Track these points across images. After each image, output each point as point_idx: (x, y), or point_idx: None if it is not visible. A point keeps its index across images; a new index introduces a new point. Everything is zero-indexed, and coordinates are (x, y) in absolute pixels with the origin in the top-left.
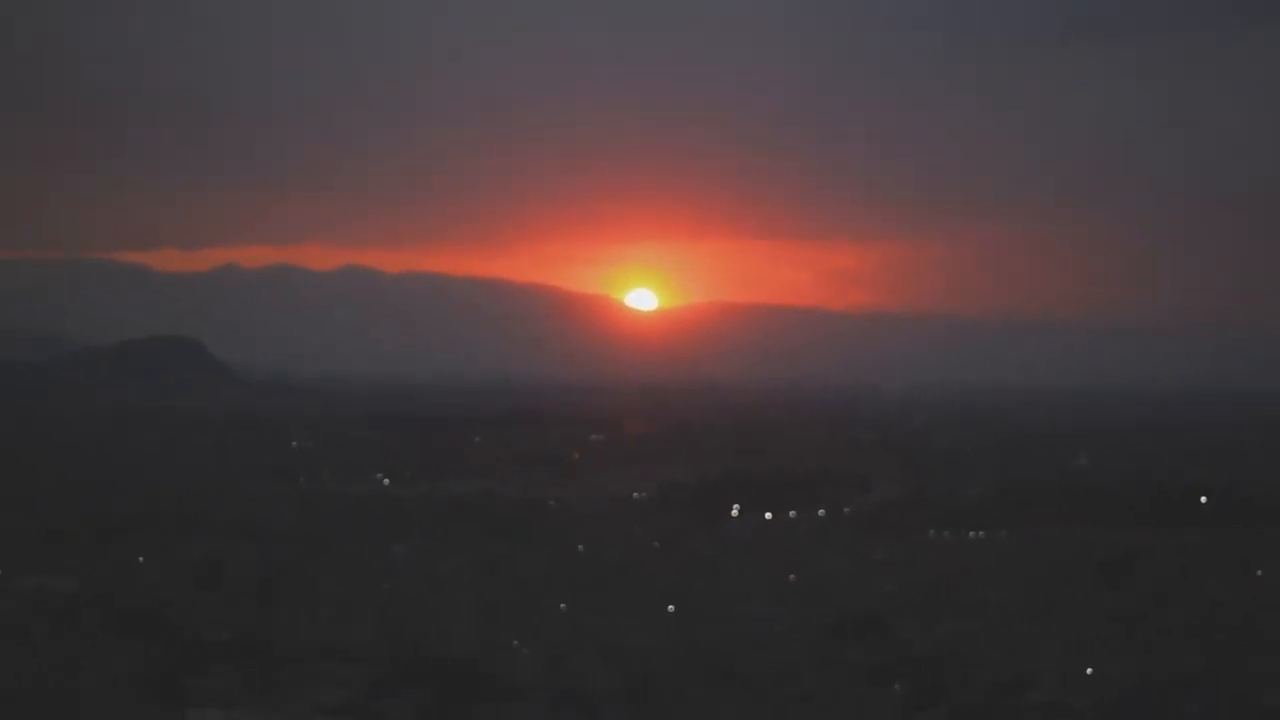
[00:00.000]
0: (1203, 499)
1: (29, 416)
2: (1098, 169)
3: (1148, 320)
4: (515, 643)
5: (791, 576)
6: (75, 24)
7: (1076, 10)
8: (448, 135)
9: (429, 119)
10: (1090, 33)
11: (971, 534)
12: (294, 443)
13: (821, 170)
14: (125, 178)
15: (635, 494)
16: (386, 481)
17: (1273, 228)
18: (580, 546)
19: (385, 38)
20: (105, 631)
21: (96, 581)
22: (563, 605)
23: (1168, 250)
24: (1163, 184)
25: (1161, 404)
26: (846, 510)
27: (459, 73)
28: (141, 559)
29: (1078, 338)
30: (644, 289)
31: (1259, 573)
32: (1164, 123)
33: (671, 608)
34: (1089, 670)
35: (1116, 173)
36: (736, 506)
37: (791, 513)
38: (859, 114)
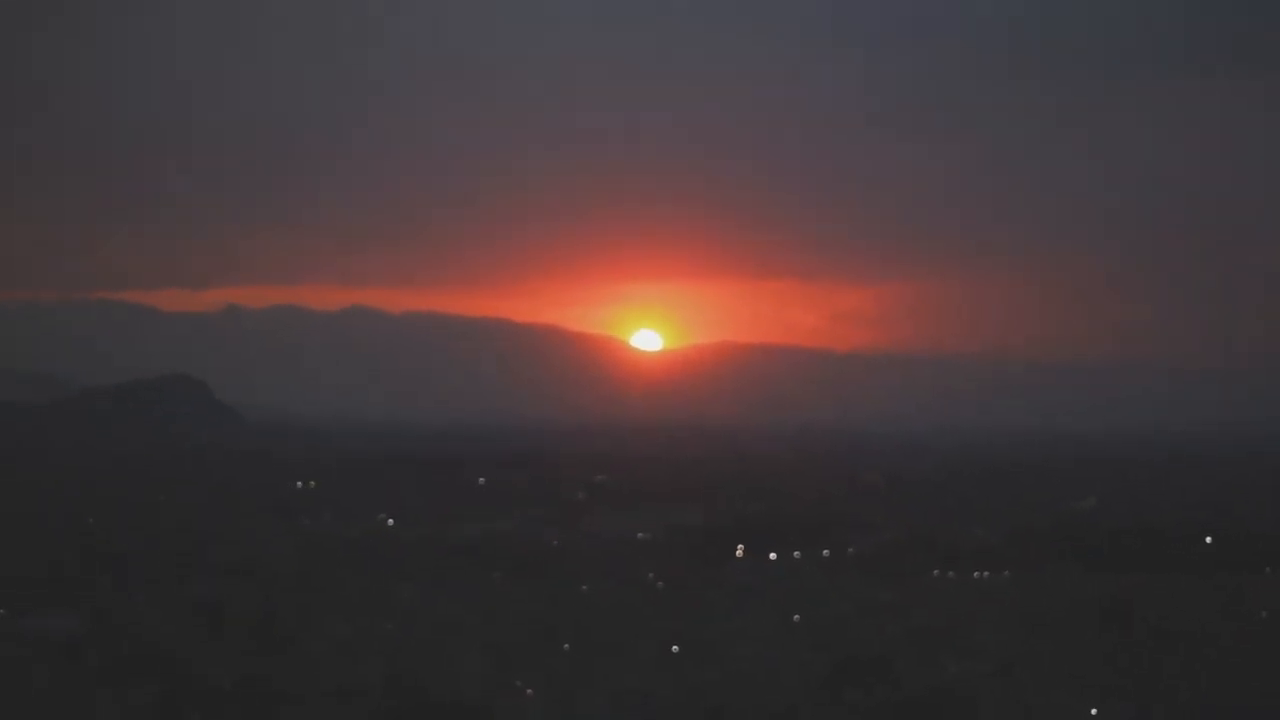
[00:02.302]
0: (1208, 540)
1: (32, 457)
2: (1102, 210)
3: (1158, 360)
4: (520, 684)
5: (796, 618)
6: (76, 66)
7: (1076, 54)
8: (452, 174)
9: (432, 158)
10: (1091, 74)
11: (976, 575)
12: (298, 483)
13: (827, 211)
14: (129, 218)
15: (640, 535)
16: (390, 522)
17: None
18: (585, 587)
19: (387, 77)
20: (108, 674)
21: (99, 623)
22: (567, 647)
23: (1174, 290)
24: (1167, 224)
25: (1168, 444)
26: (851, 551)
27: (463, 111)
28: (144, 600)
29: (1086, 378)
30: (649, 329)
31: (1264, 615)
32: (1168, 165)
33: (676, 649)
34: (1092, 712)
35: (1121, 213)
36: (741, 548)
37: (797, 554)
38: (865, 155)
